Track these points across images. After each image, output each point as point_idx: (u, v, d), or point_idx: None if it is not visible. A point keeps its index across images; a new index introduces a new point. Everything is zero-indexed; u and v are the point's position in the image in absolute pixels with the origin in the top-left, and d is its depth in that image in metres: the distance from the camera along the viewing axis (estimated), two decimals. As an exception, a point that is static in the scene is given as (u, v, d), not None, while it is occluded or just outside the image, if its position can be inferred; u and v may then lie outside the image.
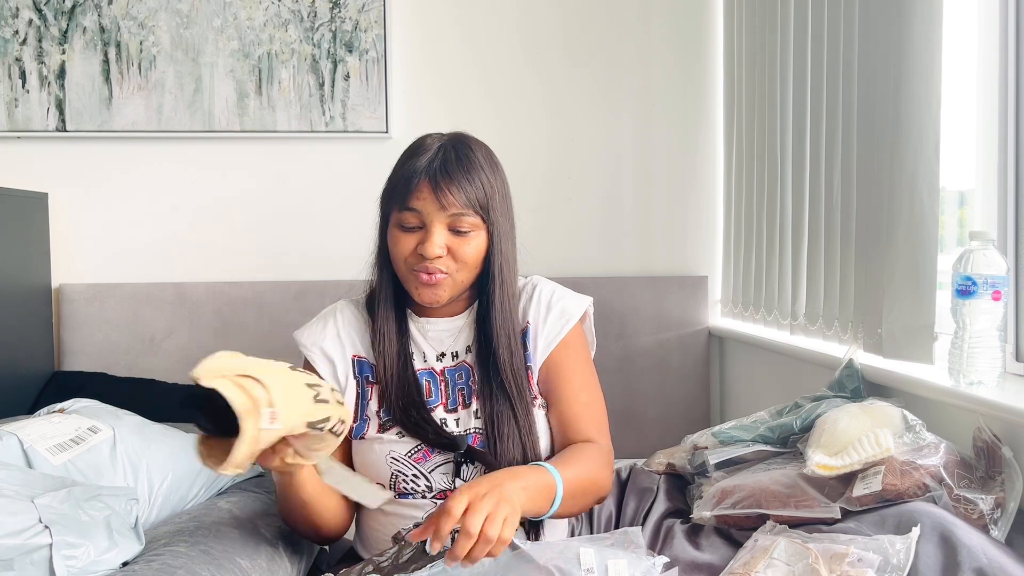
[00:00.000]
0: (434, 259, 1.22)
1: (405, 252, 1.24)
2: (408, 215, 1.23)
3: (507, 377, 1.25)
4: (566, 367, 1.32)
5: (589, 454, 1.26)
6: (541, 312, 1.32)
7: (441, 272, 1.23)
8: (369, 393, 1.29)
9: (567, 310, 1.33)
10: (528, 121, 2.41)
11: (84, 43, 2.30)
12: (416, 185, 1.22)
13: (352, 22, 2.34)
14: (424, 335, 1.32)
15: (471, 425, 1.27)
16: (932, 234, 1.42)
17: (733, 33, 2.28)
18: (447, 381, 1.30)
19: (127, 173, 2.35)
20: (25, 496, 1.00)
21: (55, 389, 2.13)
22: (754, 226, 2.13)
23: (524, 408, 1.26)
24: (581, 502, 1.24)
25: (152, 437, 1.38)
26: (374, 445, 1.27)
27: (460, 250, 1.24)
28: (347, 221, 2.37)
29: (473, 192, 1.23)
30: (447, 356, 1.31)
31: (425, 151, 1.26)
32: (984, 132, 1.46)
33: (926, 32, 1.39)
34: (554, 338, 1.31)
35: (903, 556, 1.01)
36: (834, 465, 1.20)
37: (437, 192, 1.21)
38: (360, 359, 1.31)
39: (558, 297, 1.34)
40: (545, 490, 1.13)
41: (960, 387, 1.28)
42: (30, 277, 2.18)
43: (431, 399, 1.28)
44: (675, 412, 2.40)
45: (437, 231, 1.22)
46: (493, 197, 1.26)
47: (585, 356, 1.36)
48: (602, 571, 1.03)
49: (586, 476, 1.22)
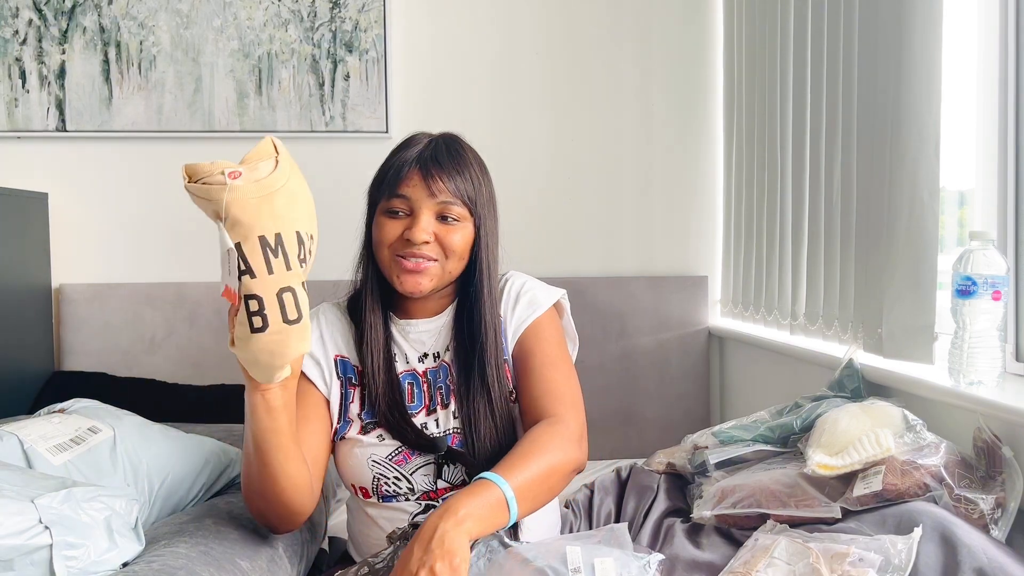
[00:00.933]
0: (420, 244, 1.21)
1: (390, 238, 1.23)
2: (396, 201, 1.23)
3: (490, 371, 1.24)
4: (530, 347, 1.29)
5: (542, 437, 1.16)
6: (510, 303, 1.32)
7: (427, 260, 1.22)
8: (351, 395, 1.29)
9: (535, 299, 1.31)
10: (528, 121, 2.41)
11: (84, 43, 2.30)
12: (406, 173, 1.23)
13: (352, 22, 2.34)
14: (405, 337, 1.31)
15: (450, 425, 1.26)
16: (932, 234, 1.42)
17: (733, 33, 2.28)
18: (429, 382, 1.29)
19: (127, 173, 2.35)
20: (25, 496, 0.99)
21: (55, 389, 2.13)
22: (754, 226, 2.13)
23: (503, 402, 1.25)
24: (547, 489, 1.16)
25: (152, 437, 1.38)
26: (355, 448, 1.27)
27: (447, 238, 1.23)
28: (347, 221, 2.35)
29: (462, 184, 1.24)
30: (429, 357, 1.30)
31: (415, 144, 1.27)
32: (984, 132, 1.46)
33: (926, 32, 1.39)
34: (521, 324, 1.30)
35: (904, 556, 1.01)
36: (834, 465, 1.21)
37: (427, 179, 1.22)
38: (343, 359, 1.30)
39: (528, 288, 1.33)
40: (495, 505, 1.06)
41: (960, 387, 1.28)
42: (30, 277, 2.18)
43: (413, 404, 1.28)
44: (675, 412, 2.40)
45: (425, 217, 1.22)
46: (481, 194, 1.26)
47: (556, 339, 1.31)
48: (589, 570, 1.02)
49: (540, 468, 1.12)
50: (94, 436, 1.29)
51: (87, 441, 1.27)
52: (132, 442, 1.33)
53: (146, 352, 2.32)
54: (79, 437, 1.27)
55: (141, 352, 2.31)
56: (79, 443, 1.26)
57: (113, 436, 1.31)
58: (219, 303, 2.33)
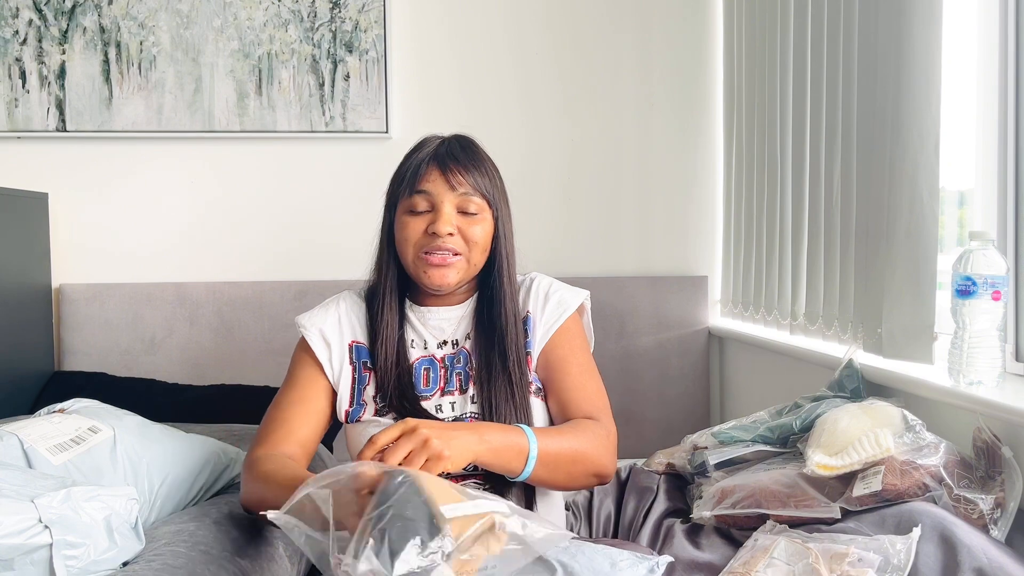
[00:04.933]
0: (445, 236, 1.26)
1: (415, 235, 1.28)
2: (417, 198, 1.28)
3: (511, 359, 1.28)
4: (565, 353, 1.34)
5: (582, 427, 1.25)
6: (539, 301, 1.36)
7: (453, 253, 1.27)
8: (367, 378, 1.31)
9: (564, 300, 1.36)
10: (528, 121, 2.40)
11: (84, 43, 2.30)
12: (425, 170, 1.28)
13: (352, 22, 2.34)
14: (424, 323, 1.34)
15: (467, 410, 1.29)
16: (932, 234, 1.42)
17: (733, 33, 2.28)
18: (447, 367, 1.32)
19: (127, 173, 2.35)
20: (25, 496, 1.00)
21: (55, 389, 2.13)
22: (754, 226, 2.13)
23: (522, 391, 1.28)
24: (567, 471, 1.21)
25: (152, 437, 1.38)
26: (368, 428, 1.28)
27: (469, 230, 1.28)
28: (347, 221, 2.37)
29: (479, 177, 1.29)
30: (448, 344, 1.33)
31: (429, 144, 1.32)
32: (984, 132, 1.46)
33: (926, 32, 1.39)
34: (552, 325, 1.34)
35: (904, 556, 1.01)
36: (834, 465, 1.21)
37: (446, 173, 1.27)
38: (359, 344, 1.34)
39: (555, 288, 1.38)
40: (514, 448, 1.14)
41: (960, 387, 1.28)
42: (30, 277, 2.18)
43: (428, 387, 1.31)
44: (675, 412, 2.40)
45: (447, 209, 1.26)
46: (496, 187, 1.32)
47: (583, 344, 1.37)
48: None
49: (571, 446, 1.21)
50: (94, 436, 1.29)
51: (87, 441, 1.27)
52: (132, 442, 1.33)
53: (146, 352, 2.32)
54: (79, 437, 1.27)
55: (141, 352, 2.31)
56: (79, 443, 1.26)
57: (113, 436, 1.31)
58: (219, 303, 2.33)
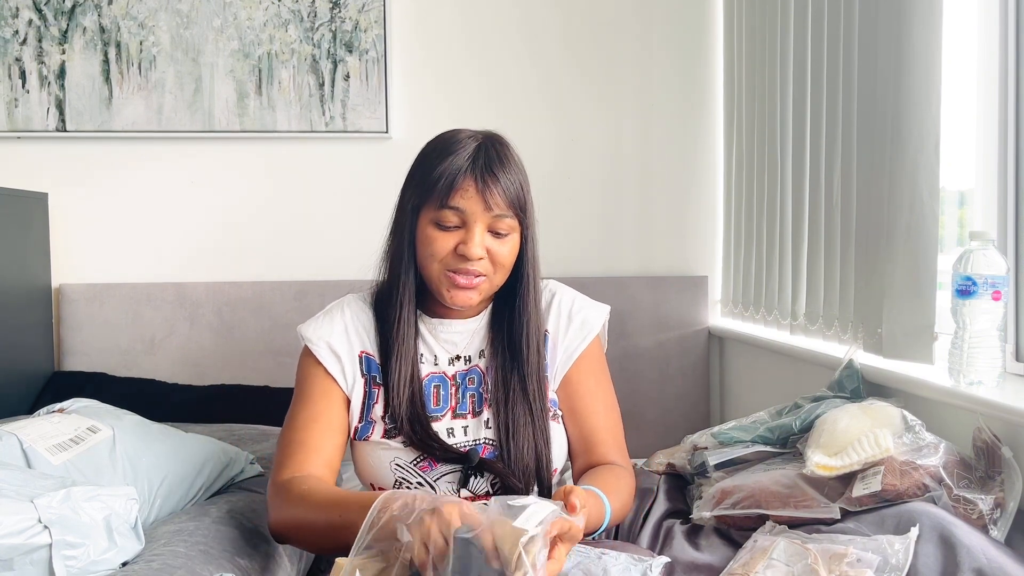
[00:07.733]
0: (476, 260, 1.19)
1: (442, 252, 1.19)
2: (448, 213, 1.18)
3: (531, 384, 1.23)
4: (589, 381, 1.30)
5: (624, 482, 1.24)
6: (562, 322, 1.30)
7: (480, 275, 1.20)
8: (375, 395, 1.25)
9: (588, 320, 1.31)
10: (528, 121, 2.40)
11: (84, 43, 2.30)
12: (460, 183, 1.18)
13: (352, 22, 2.34)
14: (436, 336, 1.27)
15: (481, 435, 1.24)
16: (932, 234, 1.42)
17: (733, 33, 2.28)
18: (458, 385, 1.26)
19: (127, 173, 2.35)
20: (25, 496, 1.00)
21: (55, 389, 2.13)
22: (754, 226, 2.13)
23: (543, 419, 1.24)
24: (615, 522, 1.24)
25: (151, 437, 1.38)
26: (378, 450, 1.23)
27: (497, 252, 1.21)
28: (347, 221, 2.37)
29: (514, 192, 1.21)
30: (460, 360, 1.28)
31: (462, 148, 1.21)
32: (984, 132, 1.46)
33: (926, 32, 1.39)
34: (575, 350, 1.29)
35: (902, 556, 1.00)
36: (834, 465, 1.20)
37: (484, 191, 1.18)
38: (368, 356, 1.26)
39: (579, 307, 1.32)
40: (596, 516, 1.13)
41: (960, 387, 1.28)
42: (30, 277, 2.18)
43: (439, 407, 1.25)
44: (675, 412, 2.40)
45: (479, 231, 1.18)
46: (528, 199, 1.24)
47: (603, 368, 1.34)
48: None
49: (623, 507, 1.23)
50: (93, 436, 1.29)
51: (86, 441, 1.28)
52: (132, 442, 1.33)
53: (146, 352, 2.32)
54: (78, 437, 1.27)
55: (141, 352, 2.31)
56: (78, 443, 1.26)
57: (112, 436, 1.31)
58: (219, 303, 2.33)
